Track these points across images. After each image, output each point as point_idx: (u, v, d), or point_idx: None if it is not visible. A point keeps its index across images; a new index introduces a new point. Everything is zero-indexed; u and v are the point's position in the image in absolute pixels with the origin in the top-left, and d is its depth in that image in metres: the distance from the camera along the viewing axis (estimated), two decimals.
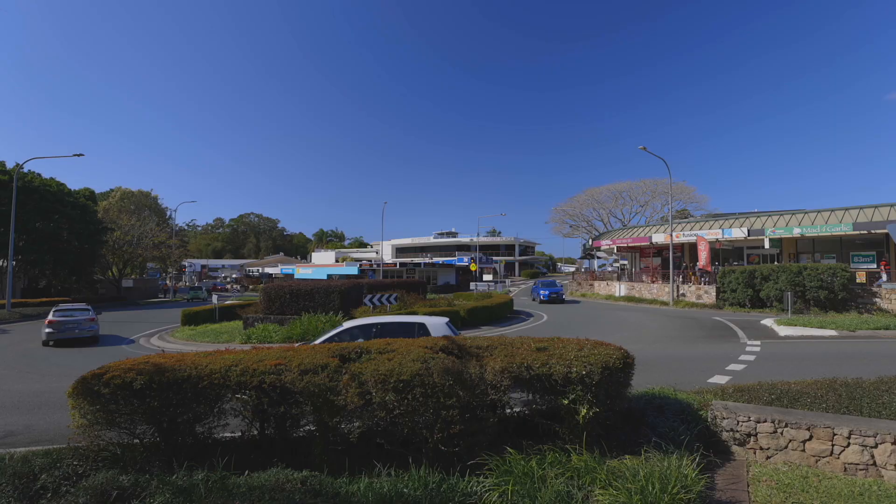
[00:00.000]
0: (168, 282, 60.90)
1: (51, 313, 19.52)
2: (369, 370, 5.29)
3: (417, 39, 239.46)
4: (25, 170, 35.11)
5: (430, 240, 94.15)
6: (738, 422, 6.12)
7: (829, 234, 28.80)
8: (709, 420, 6.36)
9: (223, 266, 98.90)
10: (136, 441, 5.55)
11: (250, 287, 64.60)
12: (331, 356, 5.76)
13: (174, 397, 5.32)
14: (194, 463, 5.17)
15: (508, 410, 6.09)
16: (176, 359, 5.87)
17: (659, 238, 37.16)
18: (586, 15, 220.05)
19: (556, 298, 36.22)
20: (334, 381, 5.26)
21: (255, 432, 5.97)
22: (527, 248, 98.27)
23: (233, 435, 6.07)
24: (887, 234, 26.50)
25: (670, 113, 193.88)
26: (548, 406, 5.68)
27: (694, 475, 4.47)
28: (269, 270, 75.66)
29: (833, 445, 5.59)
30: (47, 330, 18.42)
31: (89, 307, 21.39)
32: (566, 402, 5.30)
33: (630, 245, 42.49)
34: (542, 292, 36.77)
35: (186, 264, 74.78)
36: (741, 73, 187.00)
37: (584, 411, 5.21)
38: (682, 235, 35.86)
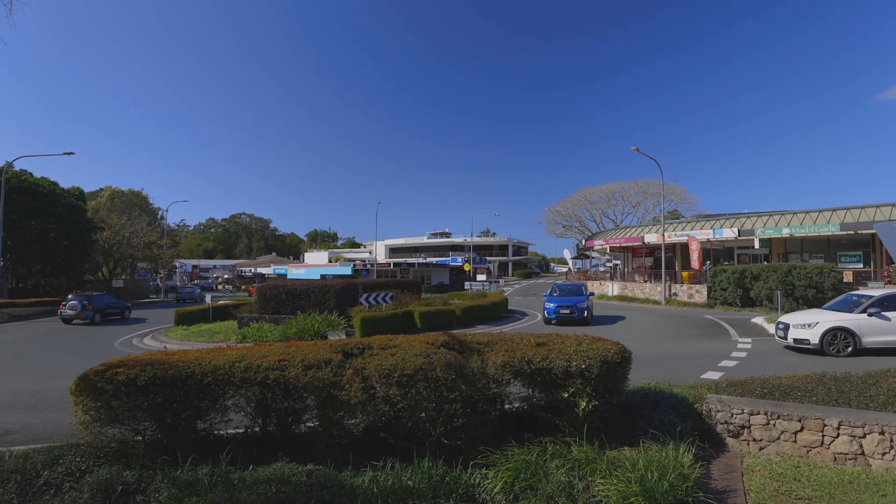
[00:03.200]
0: (160, 282, 60.34)
1: (177, 290, 45.96)
2: (373, 365, 5.37)
3: (409, 37, 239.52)
4: (17, 168, 34.69)
5: (424, 240, 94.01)
6: (732, 414, 6.27)
7: (817, 234, 29.29)
8: (704, 413, 6.51)
9: (214, 266, 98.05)
10: (139, 438, 5.59)
11: (242, 287, 64.28)
12: (333, 352, 5.84)
13: (178, 393, 5.35)
14: (197, 458, 5.20)
15: (508, 406, 6.20)
16: (179, 355, 5.91)
17: (651, 238, 37.50)
18: (576, 14, 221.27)
19: (568, 317, 20.81)
20: (338, 376, 5.33)
21: (258, 429, 6.02)
22: (520, 249, 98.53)
23: (235, 431, 6.11)
24: (873, 235, 26.97)
25: (659, 113, 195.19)
26: (548, 400, 5.79)
27: (691, 463, 4.60)
28: (261, 270, 75.12)
29: (823, 436, 5.75)
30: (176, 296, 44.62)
31: (194, 288, 48.37)
32: (566, 395, 5.42)
33: (623, 245, 42.83)
34: (549, 306, 21.49)
35: (177, 265, 74.09)
36: (728, 71, 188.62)
37: (583, 404, 5.33)
38: (674, 236, 36.21)
